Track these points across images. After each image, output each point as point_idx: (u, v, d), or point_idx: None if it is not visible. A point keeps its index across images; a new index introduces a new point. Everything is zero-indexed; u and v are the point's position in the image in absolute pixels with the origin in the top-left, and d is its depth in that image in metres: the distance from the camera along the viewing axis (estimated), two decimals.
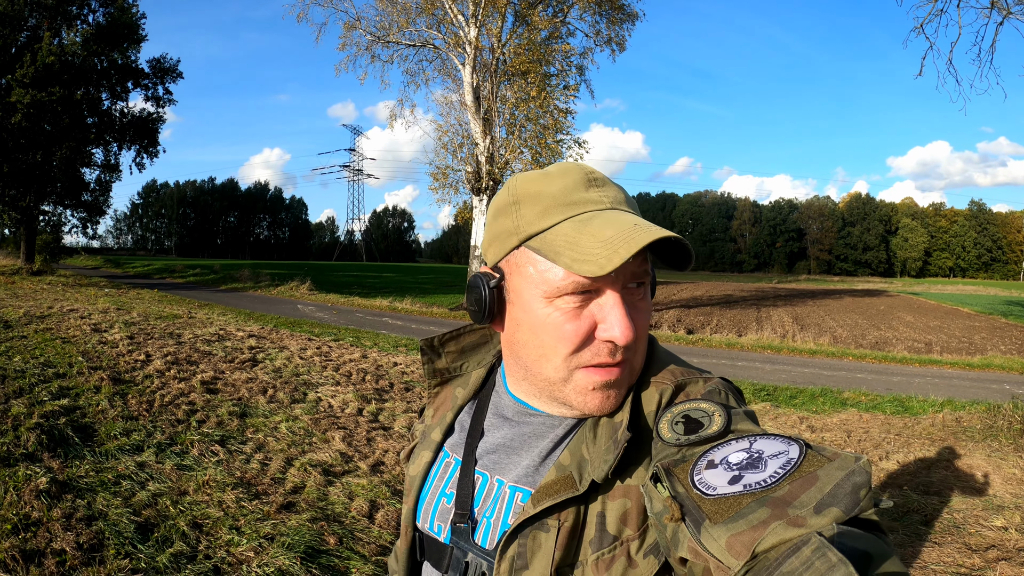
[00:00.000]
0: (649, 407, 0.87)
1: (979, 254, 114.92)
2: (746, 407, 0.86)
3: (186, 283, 29.57)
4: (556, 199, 0.85)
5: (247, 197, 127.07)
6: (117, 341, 9.04)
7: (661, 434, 0.80)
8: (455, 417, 1.07)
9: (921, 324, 25.20)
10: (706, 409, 0.80)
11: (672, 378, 0.89)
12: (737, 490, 0.65)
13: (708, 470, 0.69)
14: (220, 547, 3.44)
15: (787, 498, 0.61)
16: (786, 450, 0.68)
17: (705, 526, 0.63)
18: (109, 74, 29.02)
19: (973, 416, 7.95)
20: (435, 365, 1.12)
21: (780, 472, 0.65)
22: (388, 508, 4.23)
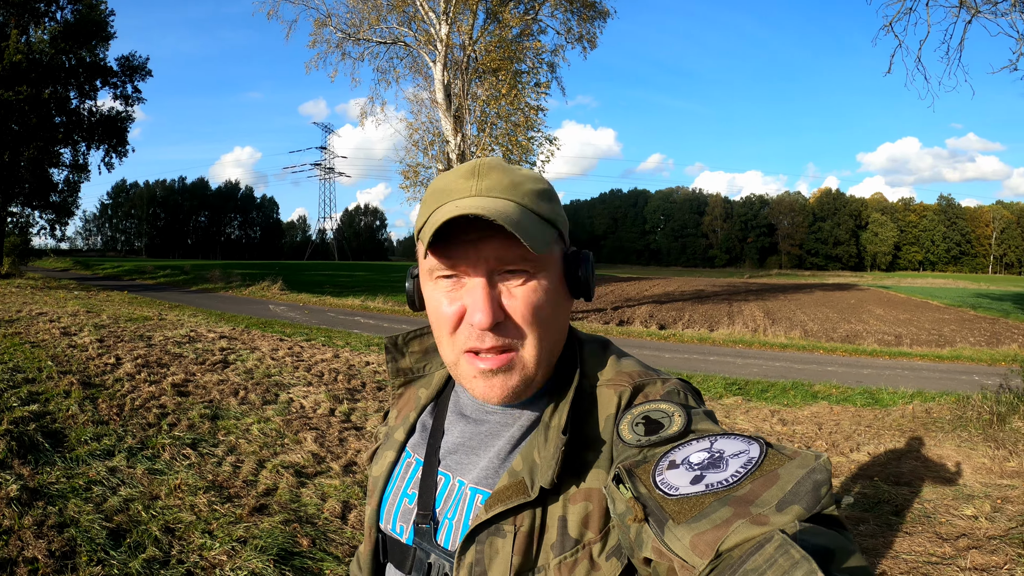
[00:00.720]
0: (608, 409, 0.87)
1: (948, 248, 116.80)
2: (705, 407, 0.87)
3: (156, 284, 29.19)
4: (437, 192, 0.88)
5: (218, 196, 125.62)
6: (87, 344, 8.91)
7: (622, 435, 0.80)
8: (418, 417, 1.06)
9: (891, 317, 25.57)
10: (666, 410, 0.80)
11: (630, 380, 0.90)
12: (699, 490, 0.65)
13: (670, 470, 0.69)
14: (193, 551, 3.41)
15: (749, 497, 0.62)
16: (747, 449, 0.69)
17: (668, 526, 0.63)
18: (77, 72, 28.61)
19: (943, 407, 8.07)
20: (399, 364, 1.12)
21: (741, 471, 0.65)
22: (361, 509, 4.22)
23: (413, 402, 1.09)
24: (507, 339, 0.86)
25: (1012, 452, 6.06)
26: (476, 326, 0.84)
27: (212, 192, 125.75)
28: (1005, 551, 4.10)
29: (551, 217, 0.88)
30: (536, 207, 0.86)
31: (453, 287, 0.87)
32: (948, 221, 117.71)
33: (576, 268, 0.91)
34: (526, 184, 0.87)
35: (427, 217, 0.87)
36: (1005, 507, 4.85)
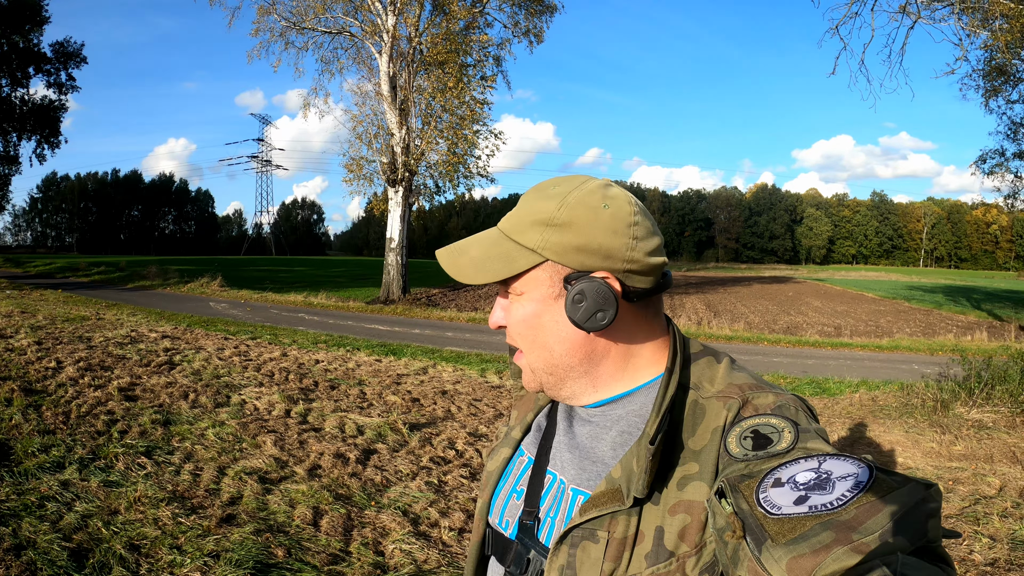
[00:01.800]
0: (716, 421, 0.86)
1: (880, 242, 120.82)
2: (817, 425, 0.85)
3: (91, 282, 28.06)
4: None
5: (151, 190, 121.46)
6: (25, 347, 8.52)
7: (729, 448, 0.80)
8: (535, 417, 1.10)
9: (829, 309, 26.33)
10: (776, 425, 0.79)
11: (739, 392, 0.88)
12: (802, 511, 0.63)
13: (774, 488, 0.68)
14: (162, 569, 3.24)
15: (852, 523, 0.59)
16: (856, 472, 0.66)
17: (767, 546, 0.61)
18: (10, 58, 27.42)
19: (888, 395, 8.32)
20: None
21: (847, 495, 0.63)
22: (332, 514, 4.10)
23: (532, 402, 1.13)
24: (509, 340, 0.98)
25: (957, 437, 6.31)
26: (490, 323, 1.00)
27: (145, 185, 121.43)
28: (962, 528, 4.30)
29: (531, 244, 0.89)
30: (515, 235, 0.91)
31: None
32: (881, 216, 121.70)
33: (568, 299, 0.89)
34: (530, 213, 0.91)
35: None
36: (957, 488, 5.08)
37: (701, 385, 0.91)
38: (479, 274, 0.90)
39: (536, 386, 0.97)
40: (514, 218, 0.92)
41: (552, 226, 0.88)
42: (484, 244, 0.93)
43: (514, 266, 0.89)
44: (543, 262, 0.89)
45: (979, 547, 4.02)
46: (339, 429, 6.04)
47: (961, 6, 12.88)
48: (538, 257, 0.89)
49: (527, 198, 0.93)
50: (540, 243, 0.89)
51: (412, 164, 20.80)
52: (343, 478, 4.80)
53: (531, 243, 0.89)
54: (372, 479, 4.86)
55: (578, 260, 0.89)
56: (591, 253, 0.89)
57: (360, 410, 6.81)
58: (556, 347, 0.92)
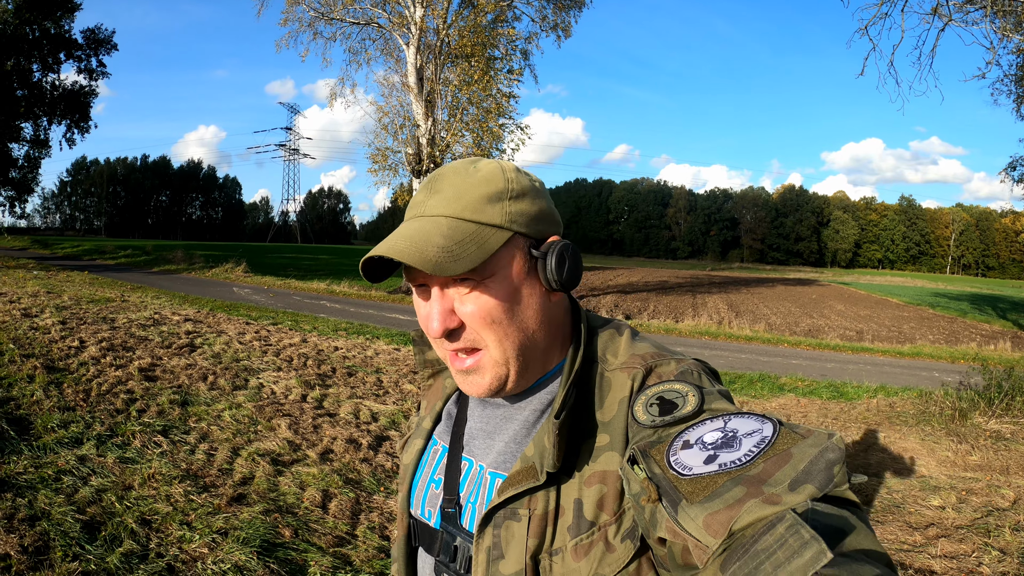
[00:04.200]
0: (622, 392, 0.88)
1: (907, 247, 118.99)
2: (720, 386, 0.87)
3: (117, 265, 28.46)
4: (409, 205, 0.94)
5: (180, 176, 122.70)
6: (49, 327, 8.67)
7: (636, 417, 0.81)
8: (444, 405, 1.09)
9: (852, 313, 26.03)
10: (680, 390, 0.81)
11: (643, 361, 0.90)
12: (712, 469, 0.65)
13: (684, 450, 0.70)
14: (172, 544, 3.31)
15: (762, 476, 0.62)
16: (760, 428, 0.69)
17: (682, 506, 0.63)
18: (41, 44, 27.67)
19: (906, 402, 8.23)
20: (426, 356, 1.13)
21: (754, 450, 0.66)
22: (341, 497, 4.15)
23: (440, 392, 1.11)
24: (466, 342, 0.89)
25: (974, 447, 6.22)
26: (430, 335, 0.90)
27: (174, 171, 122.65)
28: (972, 540, 4.24)
29: (496, 220, 0.88)
30: (475, 215, 0.87)
31: (423, 294, 0.92)
32: (908, 221, 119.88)
33: (540, 265, 0.91)
34: (472, 191, 0.88)
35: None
36: (970, 499, 5.01)
37: (605, 357, 0.94)
38: (458, 263, 0.83)
39: (498, 383, 0.91)
40: (458, 200, 0.88)
41: (510, 199, 0.89)
42: (442, 231, 0.85)
43: (487, 247, 0.86)
44: (511, 237, 0.89)
45: (988, 560, 3.97)
46: (354, 415, 6.10)
47: (994, 8, 12.65)
48: (507, 233, 0.88)
49: (455, 181, 0.90)
50: (506, 218, 0.88)
51: (437, 156, 20.83)
52: (354, 463, 4.85)
53: (496, 219, 0.87)
54: (383, 465, 4.91)
55: (537, 228, 0.91)
56: (544, 220, 0.92)
57: (376, 397, 6.86)
58: (531, 323, 0.91)
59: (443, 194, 0.89)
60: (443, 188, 0.89)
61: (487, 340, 0.89)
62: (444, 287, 0.89)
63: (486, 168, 0.91)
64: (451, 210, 0.88)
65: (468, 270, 0.84)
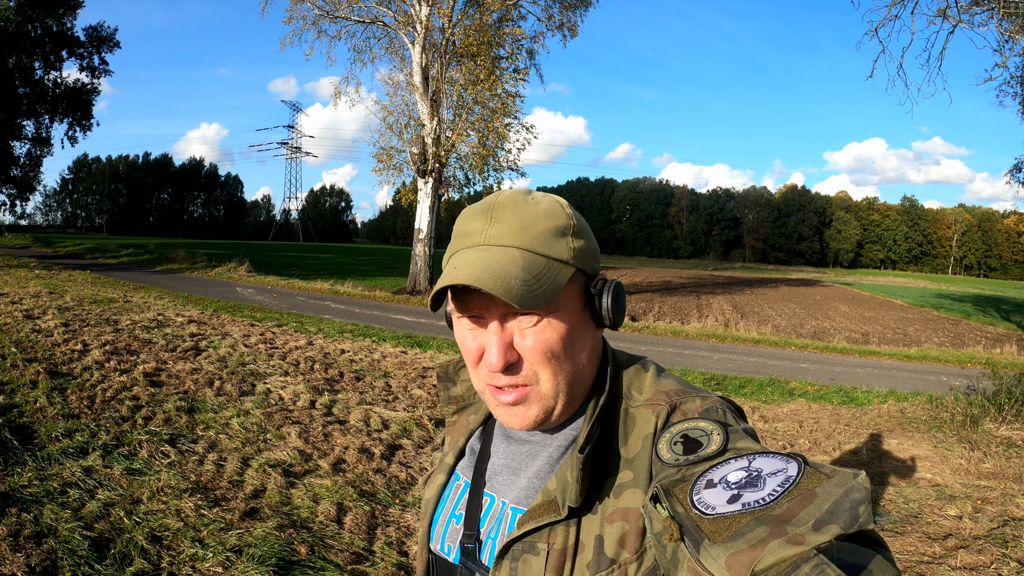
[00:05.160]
0: (646, 429, 0.88)
1: (909, 248, 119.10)
2: (745, 424, 0.88)
3: (119, 264, 28.37)
4: (457, 234, 0.93)
5: (181, 173, 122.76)
6: (52, 329, 8.58)
7: (660, 454, 0.81)
8: (467, 441, 1.10)
9: (857, 315, 25.99)
10: (704, 428, 0.81)
11: (667, 399, 0.90)
12: (736, 509, 0.65)
13: (707, 490, 0.69)
14: (184, 563, 3.20)
15: (786, 516, 0.61)
16: (785, 468, 0.68)
17: (704, 546, 0.63)
18: (43, 42, 27.66)
19: (916, 407, 8.18)
20: (451, 392, 1.14)
21: (779, 490, 0.65)
22: (356, 511, 4.06)
23: (463, 428, 1.11)
24: (520, 377, 0.88)
25: (986, 454, 6.21)
26: (489, 367, 0.88)
27: (176, 169, 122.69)
28: (991, 551, 4.21)
29: (564, 256, 0.88)
30: (545, 249, 0.87)
31: (476, 324, 0.90)
32: (911, 222, 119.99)
33: (597, 303, 0.92)
34: (538, 224, 0.88)
35: (447, 259, 0.92)
36: (986, 508, 4.98)
37: (630, 394, 0.94)
38: (537, 299, 0.82)
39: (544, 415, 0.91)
40: (525, 232, 0.87)
41: (572, 235, 0.90)
42: (519, 263, 0.84)
43: (558, 282, 0.86)
44: (574, 273, 0.89)
45: (1007, 571, 3.93)
46: (364, 422, 6.01)
47: (1003, 11, 12.59)
48: (572, 269, 0.89)
49: (518, 211, 0.88)
50: (571, 254, 0.89)
51: (442, 156, 20.78)
52: (367, 474, 4.76)
53: (564, 255, 0.88)
54: (397, 476, 4.82)
55: (591, 265, 0.93)
56: (595, 257, 0.94)
57: (385, 403, 6.78)
58: (583, 359, 0.92)
59: (507, 224, 0.88)
60: (506, 218, 0.88)
61: (541, 375, 0.88)
62: (504, 320, 0.88)
63: (545, 201, 0.91)
64: (520, 242, 0.87)
65: (544, 305, 0.83)
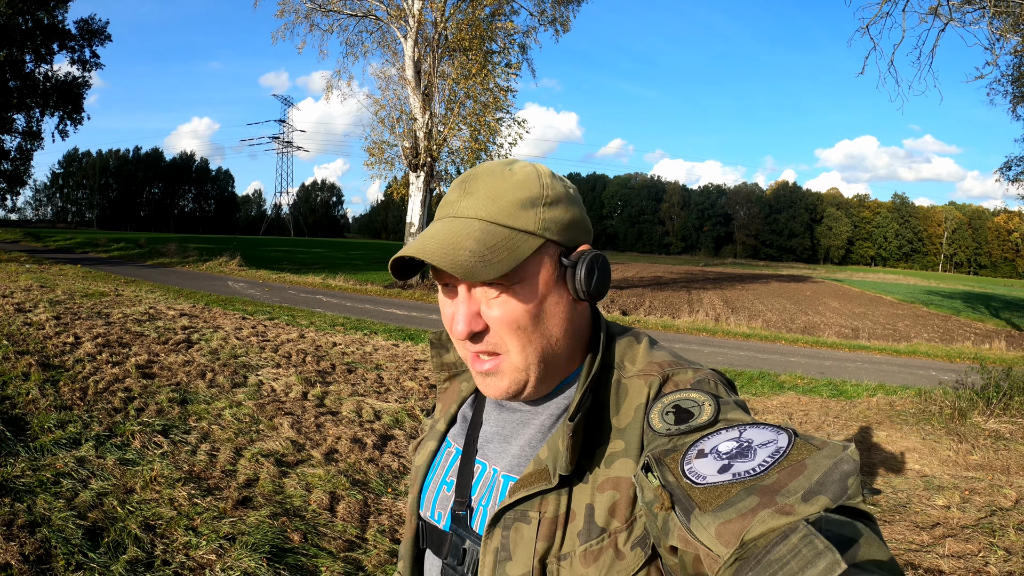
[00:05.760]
0: (638, 399, 0.88)
1: (900, 245, 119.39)
2: (736, 397, 0.88)
3: (110, 258, 28.26)
4: (441, 204, 0.93)
5: (172, 168, 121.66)
6: (43, 322, 8.56)
7: (652, 424, 0.81)
8: (459, 408, 1.09)
9: (847, 310, 26.13)
10: (696, 399, 0.81)
11: (660, 369, 0.90)
12: (726, 479, 0.65)
13: (698, 459, 0.70)
14: (178, 551, 3.22)
15: (775, 486, 0.62)
16: (775, 439, 0.69)
17: (695, 515, 0.63)
18: (34, 35, 27.51)
19: (905, 400, 8.25)
20: (443, 359, 1.14)
21: (769, 461, 0.66)
22: (349, 499, 4.08)
23: (455, 395, 1.11)
24: (489, 345, 0.89)
25: (974, 446, 6.29)
26: (454, 336, 0.90)
27: (166, 163, 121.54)
28: (978, 539, 4.28)
29: (529, 227, 0.87)
30: (508, 220, 0.87)
31: (449, 294, 0.91)
32: (901, 219, 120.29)
33: (569, 275, 0.91)
34: (507, 195, 0.88)
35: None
36: (973, 498, 5.06)
37: (623, 365, 0.94)
38: (488, 269, 0.83)
39: (516, 387, 0.91)
40: (492, 204, 0.87)
41: (544, 205, 0.89)
42: (475, 235, 0.85)
43: (519, 253, 0.85)
44: (543, 244, 0.88)
45: (994, 559, 3.99)
46: (356, 413, 6.03)
47: (994, 9, 12.67)
48: (539, 240, 0.88)
49: (490, 183, 0.89)
50: (539, 224, 0.88)
51: (434, 150, 20.76)
52: (360, 463, 4.79)
53: (529, 226, 0.87)
54: (389, 465, 4.85)
55: (570, 236, 0.91)
56: (576, 228, 0.92)
57: (377, 395, 6.80)
58: (555, 331, 0.91)
59: (476, 196, 0.89)
60: (477, 189, 0.89)
61: (509, 345, 0.88)
62: (471, 289, 0.88)
63: (522, 172, 0.91)
64: (484, 213, 0.87)
65: (498, 276, 0.83)
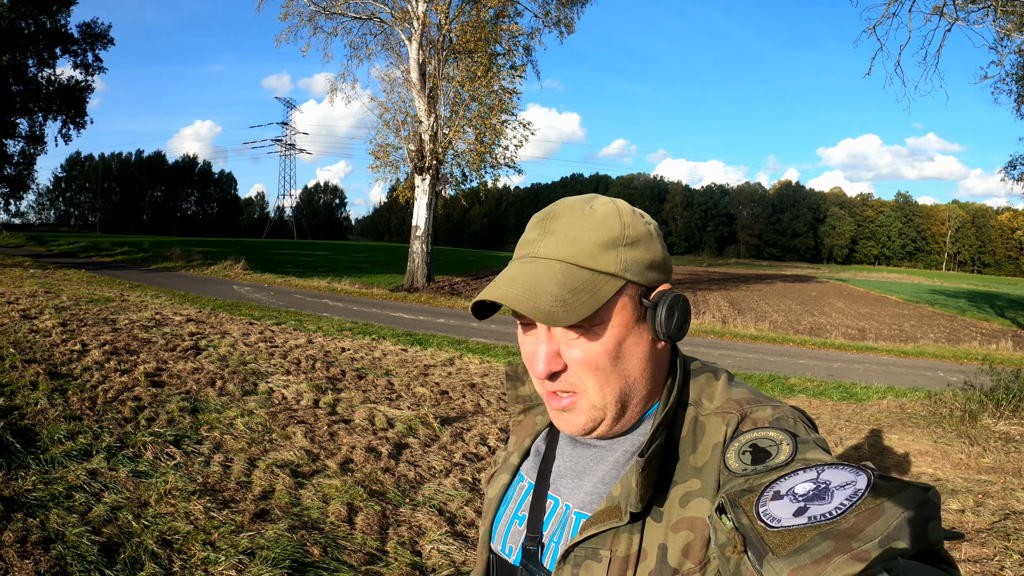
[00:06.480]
0: (715, 437, 0.87)
1: (903, 244, 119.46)
2: (816, 435, 0.85)
3: (114, 262, 28.24)
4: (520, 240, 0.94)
5: (175, 171, 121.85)
6: (49, 329, 8.51)
7: (728, 464, 0.80)
8: (533, 442, 1.09)
9: (852, 311, 26.09)
10: (774, 438, 0.80)
11: (738, 407, 0.89)
12: (802, 522, 0.63)
13: (774, 501, 0.68)
14: (196, 567, 3.17)
15: (852, 531, 0.60)
16: (854, 480, 0.66)
17: (768, 559, 0.62)
18: (37, 39, 27.54)
19: (915, 403, 8.22)
20: (518, 392, 1.13)
21: (846, 504, 0.63)
22: (367, 511, 4.03)
23: (530, 428, 1.11)
24: (567, 384, 0.88)
25: (986, 449, 6.26)
26: (534, 375, 0.90)
27: (169, 166, 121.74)
28: (993, 544, 4.24)
29: (611, 269, 0.87)
30: (589, 262, 0.86)
31: (527, 330, 0.91)
32: (905, 218, 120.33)
33: (650, 316, 0.90)
34: (587, 235, 0.88)
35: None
36: (987, 502, 5.01)
37: (700, 402, 0.93)
38: (571, 314, 0.82)
39: (592, 424, 0.90)
40: (572, 244, 0.87)
41: (625, 246, 0.88)
42: (556, 277, 0.85)
43: (600, 296, 0.85)
44: (624, 285, 0.87)
45: (1010, 563, 3.95)
46: (369, 421, 5.98)
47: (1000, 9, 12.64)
48: (620, 281, 0.87)
49: (570, 222, 0.89)
50: (620, 266, 0.87)
51: (439, 152, 20.75)
52: (376, 473, 4.74)
53: (610, 267, 0.87)
54: (405, 475, 4.79)
55: (649, 277, 0.90)
56: (657, 268, 0.91)
57: (389, 402, 6.75)
58: (633, 371, 0.90)
59: (557, 236, 0.88)
60: (557, 229, 0.89)
61: (587, 384, 0.88)
62: (551, 328, 0.88)
63: (602, 210, 0.90)
64: (565, 254, 0.87)
65: (579, 320, 0.83)
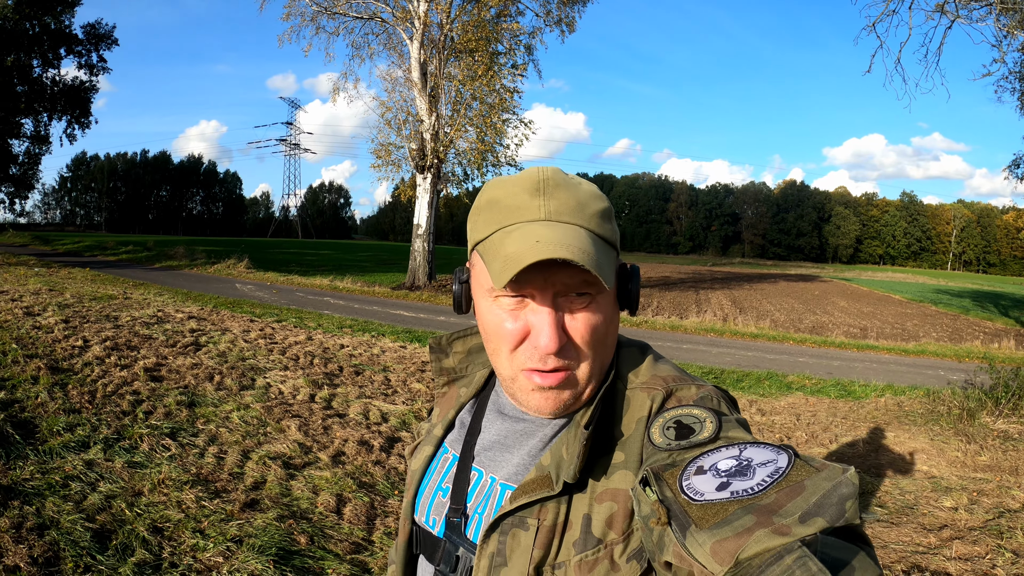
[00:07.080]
0: (640, 412, 0.88)
1: (908, 243, 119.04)
2: (738, 415, 0.88)
3: (119, 261, 28.32)
4: (502, 208, 0.88)
5: (180, 171, 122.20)
6: (52, 325, 8.61)
7: (652, 439, 0.81)
8: (457, 414, 1.09)
9: (855, 310, 26.02)
10: (698, 415, 0.81)
11: (663, 384, 0.90)
12: (724, 497, 0.65)
13: (697, 476, 0.70)
14: (185, 553, 3.24)
15: (773, 506, 0.61)
16: (775, 458, 0.68)
17: (691, 531, 0.63)
18: (41, 39, 27.70)
19: (914, 401, 8.23)
20: (442, 364, 1.14)
21: (768, 480, 0.65)
22: (356, 502, 4.10)
23: (454, 400, 1.11)
24: (567, 359, 0.87)
25: (983, 447, 6.26)
26: (542, 349, 0.85)
27: (174, 166, 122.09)
28: (986, 542, 4.25)
29: (611, 238, 0.90)
30: (601, 230, 0.88)
31: (517, 306, 0.87)
32: (909, 217, 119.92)
33: (628, 283, 0.94)
34: (591, 205, 0.88)
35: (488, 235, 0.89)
36: (981, 500, 5.02)
37: (627, 376, 0.94)
38: (608, 280, 0.81)
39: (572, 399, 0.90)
40: (581, 212, 0.87)
41: (613, 219, 0.91)
42: (587, 241, 0.83)
43: (612, 264, 0.88)
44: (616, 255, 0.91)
45: (1002, 561, 3.97)
46: (363, 416, 6.05)
47: (1001, 6, 12.62)
48: (615, 251, 0.91)
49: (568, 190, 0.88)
50: (614, 236, 0.90)
51: (441, 151, 20.79)
52: (367, 466, 4.80)
53: (612, 238, 0.89)
54: (396, 468, 4.86)
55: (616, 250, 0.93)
56: (617, 242, 0.93)
57: (385, 397, 6.82)
58: (611, 344, 0.92)
59: (562, 201, 0.87)
60: (559, 195, 0.87)
61: (583, 358, 0.88)
62: (556, 300, 0.86)
63: (586, 183, 0.91)
64: (580, 220, 0.87)
65: (611, 287, 0.84)
